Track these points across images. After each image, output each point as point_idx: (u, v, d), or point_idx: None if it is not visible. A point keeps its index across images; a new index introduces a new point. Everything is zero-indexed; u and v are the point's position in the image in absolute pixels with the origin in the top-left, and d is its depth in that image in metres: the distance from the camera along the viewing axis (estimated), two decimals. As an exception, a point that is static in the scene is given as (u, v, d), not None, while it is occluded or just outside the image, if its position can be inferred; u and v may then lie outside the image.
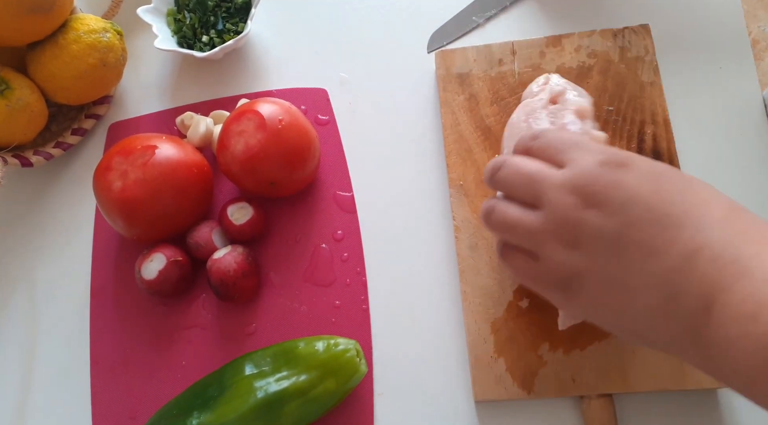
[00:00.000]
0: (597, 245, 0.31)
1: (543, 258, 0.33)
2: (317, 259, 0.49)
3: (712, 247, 0.29)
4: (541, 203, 0.33)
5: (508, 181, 0.35)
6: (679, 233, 0.30)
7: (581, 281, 0.32)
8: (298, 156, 0.47)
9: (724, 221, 0.30)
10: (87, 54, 0.51)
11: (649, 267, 0.30)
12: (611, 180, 0.31)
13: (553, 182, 0.33)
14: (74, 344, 0.51)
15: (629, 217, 0.30)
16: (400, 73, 0.55)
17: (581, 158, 0.33)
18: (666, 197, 0.31)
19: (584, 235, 0.31)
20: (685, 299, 0.29)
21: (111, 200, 0.46)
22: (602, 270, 0.31)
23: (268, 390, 0.41)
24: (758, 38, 0.52)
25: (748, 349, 0.26)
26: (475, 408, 0.44)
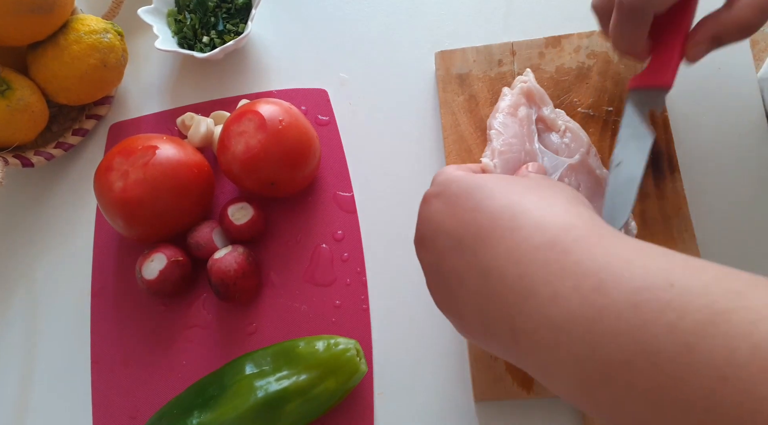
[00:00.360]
0: (435, 281, 0.33)
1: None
2: (317, 259, 0.49)
3: (499, 266, 0.28)
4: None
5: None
6: (473, 256, 0.29)
7: (447, 312, 0.33)
8: (298, 156, 0.48)
9: (510, 231, 0.28)
10: (88, 55, 0.51)
11: (462, 294, 0.30)
12: (424, 216, 0.33)
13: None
14: (75, 344, 0.51)
15: (438, 249, 0.32)
16: (400, 74, 0.55)
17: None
18: (460, 219, 0.31)
19: (425, 271, 0.34)
20: (494, 323, 0.28)
21: (112, 201, 0.46)
22: (442, 301, 0.33)
23: (269, 389, 0.41)
24: (758, 39, 0.52)
25: (563, 380, 0.25)
26: (474, 407, 0.44)
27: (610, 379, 0.23)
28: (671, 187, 0.46)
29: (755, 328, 0.20)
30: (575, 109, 0.49)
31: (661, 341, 0.22)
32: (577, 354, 0.24)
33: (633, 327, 0.22)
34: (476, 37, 0.53)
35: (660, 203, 0.45)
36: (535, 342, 0.26)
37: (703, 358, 0.20)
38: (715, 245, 0.45)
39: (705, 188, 0.47)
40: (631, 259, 0.25)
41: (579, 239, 0.27)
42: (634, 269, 0.24)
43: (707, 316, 0.21)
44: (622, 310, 0.23)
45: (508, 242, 0.28)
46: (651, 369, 0.22)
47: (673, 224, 0.45)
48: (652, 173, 0.46)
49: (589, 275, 0.25)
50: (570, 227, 0.27)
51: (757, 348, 0.20)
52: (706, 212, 0.46)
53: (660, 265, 0.24)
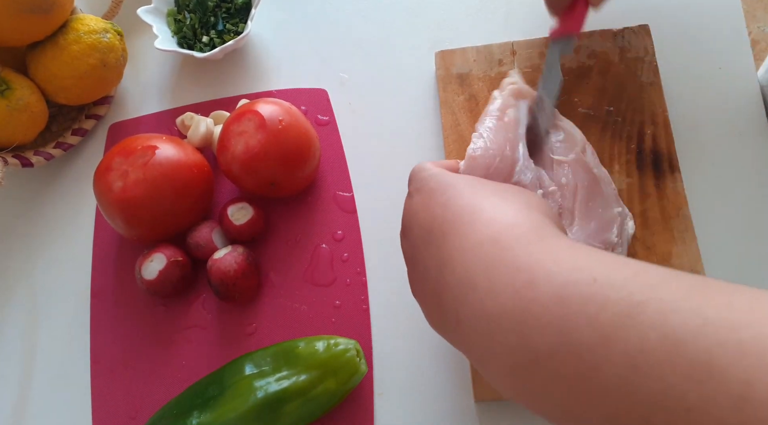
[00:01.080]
0: (408, 270, 0.36)
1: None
2: (317, 259, 0.49)
3: (452, 260, 0.30)
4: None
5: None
6: (436, 249, 0.31)
7: (414, 295, 0.36)
8: (298, 156, 0.47)
9: (465, 225, 0.30)
10: (87, 54, 0.51)
11: (426, 285, 0.32)
12: (405, 208, 0.36)
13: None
14: (74, 344, 0.51)
15: (413, 239, 0.34)
16: (400, 74, 0.55)
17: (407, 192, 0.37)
18: (431, 212, 0.33)
19: (405, 259, 0.36)
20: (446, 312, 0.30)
21: (111, 201, 0.46)
22: (413, 290, 0.35)
23: (268, 389, 0.41)
24: (758, 38, 0.52)
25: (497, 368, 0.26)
26: (475, 407, 0.44)
27: (538, 367, 0.24)
28: (672, 187, 0.46)
29: (665, 319, 0.21)
30: (575, 109, 0.49)
31: (583, 333, 0.23)
32: (508, 344, 0.25)
33: (558, 319, 0.24)
34: (476, 37, 0.53)
35: (660, 203, 0.45)
36: (474, 331, 0.27)
37: (618, 348, 0.22)
38: (715, 245, 0.45)
39: (705, 188, 0.47)
40: (563, 257, 0.26)
41: (520, 237, 0.28)
42: (563, 266, 0.26)
43: (624, 308, 0.22)
44: (549, 303, 0.24)
45: (460, 237, 0.30)
46: (573, 359, 0.23)
47: (674, 224, 0.45)
48: (652, 173, 0.46)
49: (523, 271, 0.26)
50: (514, 226, 0.29)
51: (665, 338, 0.21)
52: (707, 212, 0.46)
53: (587, 262, 0.25)
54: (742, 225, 0.46)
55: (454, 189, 0.33)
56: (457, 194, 0.33)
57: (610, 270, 0.24)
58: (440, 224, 0.31)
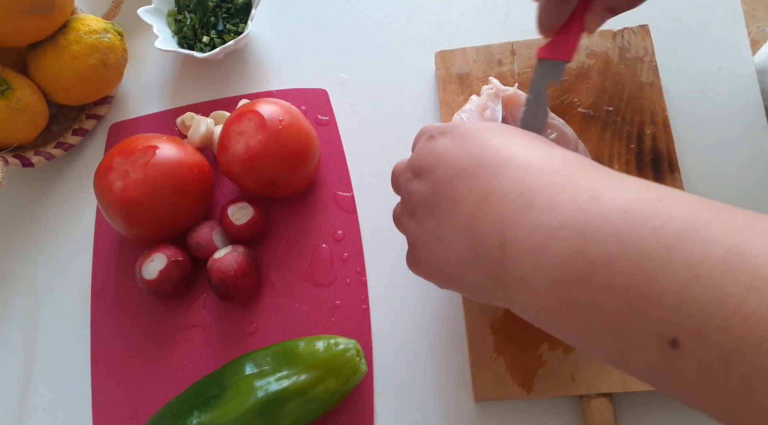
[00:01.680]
0: (421, 209, 0.34)
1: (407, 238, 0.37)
2: (317, 259, 0.49)
3: (502, 188, 0.30)
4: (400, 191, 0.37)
5: (392, 184, 0.39)
6: (476, 182, 0.31)
7: (418, 247, 0.35)
8: (298, 156, 0.48)
9: (516, 160, 0.30)
10: (88, 54, 0.51)
11: (453, 217, 0.32)
12: (428, 150, 0.34)
13: (400, 168, 0.37)
14: (75, 344, 0.51)
15: (438, 177, 0.33)
16: (400, 74, 0.55)
17: (418, 140, 0.36)
18: (466, 152, 0.32)
19: (413, 203, 0.35)
20: (483, 240, 0.30)
21: (112, 201, 0.46)
22: (425, 230, 0.34)
23: (269, 389, 0.41)
24: (758, 38, 0.52)
25: (543, 283, 0.26)
26: (475, 407, 0.44)
27: (592, 278, 0.24)
28: (671, 187, 0.46)
29: (732, 235, 0.22)
30: (575, 109, 0.49)
31: (645, 243, 0.23)
32: (563, 255, 0.25)
33: (621, 230, 0.24)
34: (476, 37, 0.53)
35: (660, 203, 0.45)
36: (524, 249, 0.27)
37: (681, 258, 0.22)
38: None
39: (705, 188, 0.47)
40: (626, 181, 0.27)
41: (581, 168, 0.29)
42: (628, 187, 0.26)
43: (689, 224, 0.23)
44: (612, 216, 0.25)
45: (513, 169, 0.30)
46: (631, 269, 0.23)
47: (673, 224, 0.45)
48: (652, 173, 0.46)
49: (587, 190, 0.27)
50: (571, 161, 0.30)
51: (729, 252, 0.22)
52: (706, 212, 0.46)
53: (652, 188, 0.26)
54: (741, 225, 0.46)
55: (489, 132, 0.33)
56: (493, 135, 0.33)
57: (674, 194, 0.25)
58: (480, 161, 0.31)
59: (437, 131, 0.35)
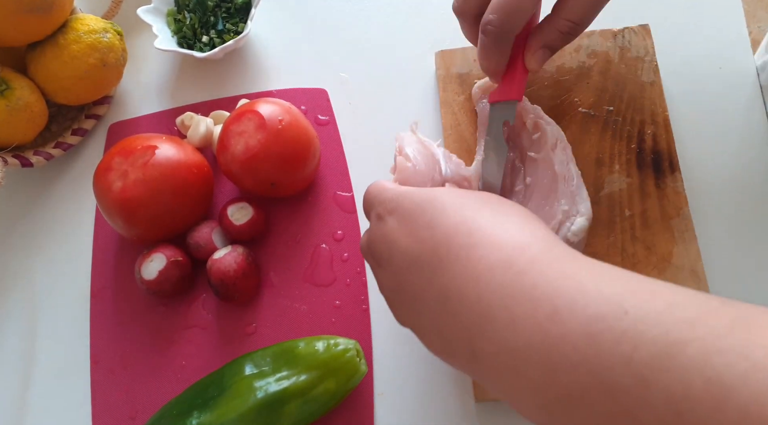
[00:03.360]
0: (389, 299, 0.34)
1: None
2: (317, 259, 0.49)
3: (457, 286, 0.27)
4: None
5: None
6: (432, 275, 0.29)
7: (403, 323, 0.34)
8: (298, 156, 0.47)
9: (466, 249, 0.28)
10: (87, 54, 0.51)
11: (420, 312, 0.30)
12: (380, 235, 0.33)
13: (362, 245, 0.36)
14: (74, 344, 0.51)
15: (395, 268, 0.31)
16: (400, 74, 0.55)
17: (370, 217, 0.35)
18: (416, 237, 0.30)
19: (382, 289, 0.34)
20: (454, 345, 0.28)
21: (111, 201, 0.46)
22: (400, 317, 0.33)
23: (268, 390, 0.41)
24: (758, 38, 0.52)
25: (523, 403, 0.25)
26: (475, 408, 0.44)
27: (569, 406, 0.23)
28: (672, 187, 0.46)
29: (708, 361, 0.20)
30: (576, 109, 0.49)
31: (617, 373, 0.22)
32: (536, 381, 0.24)
33: (589, 357, 0.22)
34: (476, 37, 0.53)
35: (661, 203, 0.45)
36: (496, 364, 0.26)
37: (659, 392, 0.20)
38: (716, 245, 0.45)
39: (706, 188, 0.47)
40: (585, 283, 0.24)
41: (534, 259, 0.26)
42: (588, 294, 0.24)
43: (662, 348, 0.21)
44: (577, 341, 0.23)
45: (464, 262, 0.27)
46: (608, 401, 0.22)
47: (674, 224, 0.45)
48: (653, 173, 0.46)
49: (544, 301, 0.24)
50: (525, 247, 0.27)
51: (710, 383, 0.20)
52: (707, 212, 0.46)
53: (613, 290, 0.24)
54: (742, 225, 0.46)
55: (434, 207, 0.30)
56: (440, 212, 0.30)
57: (640, 301, 0.23)
58: (432, 249, 0.29)
59: (381, 209, 0.33)
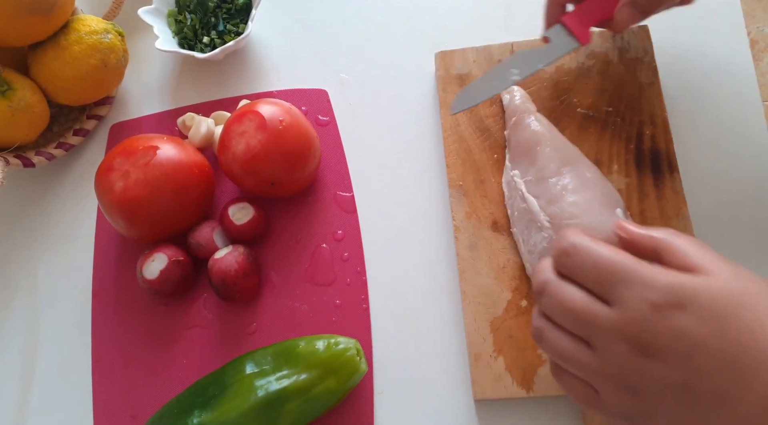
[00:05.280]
0: (662, 394, 0.30)
1: (603, 395, 0.32)
2: (318, 259, 0.50)
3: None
4: (593, 343, 0.31)
5: (553, 311, 0.33)
6: (754, 380, 0.28)
7: (647, 422, 0.31)
8: (298, 157, 0.48)
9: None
10: (88, 55, 0.52)
11: (723, 417, 0.29)
12: (669, 328, 0.29)
13: (604, 325, 0.31)
14: (75, 343, 0.51)
15: (694, 367, 0.29)
16: (400, 74, 0.55)
17: (630, 298, 0.30)
18: (733, 340, 0.29)
19: (645, 383, 0.30)
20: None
21: (112, 201, 0.46)
22: (671, 416, 0.30)
23: (269, 388, 0.41)
24: (757, 38, 0.52)
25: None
26: (474, 406, 0.44)
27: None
28: (671, 187, 0.46)
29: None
30: (575, 109, 0.49)
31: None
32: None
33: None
34: (476, 37, 0.53)
35: (659, 204, 0.45)
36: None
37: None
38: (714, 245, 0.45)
39: (705, 188, 0.47)
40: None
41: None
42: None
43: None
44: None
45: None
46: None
47: (673, 224, 0.45)
48: (651, 174, 0.46)
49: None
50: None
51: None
52: (706, 212, 0.46)
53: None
54: (741, 225, 0.46)
55: (747, 310, 0.29)
56: (759, 317, 0.29)
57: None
58: (755, 355, 0.28)
59: (666, 302, 0.30)
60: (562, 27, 0.45)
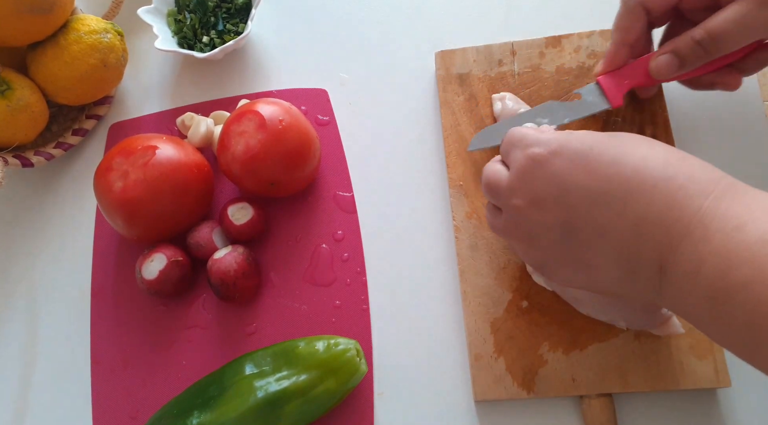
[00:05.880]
0: (548, 236, 0.34)
1: (518, 251, 0.38)
2: (317, 259, 0.49)
3: (655, 211, 0.30)
4: (501, 207, 0.37)
5: (484, 190, 0.38)
6: (623, 206, 0.31)
7: (549, 267, 0.36)
8: (298, 156, 0.47)
9: (663, 181, 0.31)
10: (88, 55, 0.51)
11: (601, 245, 0.32)
12: (546, 174, 0.33)
13: (503, 186, 0.36)
14: (75, 344, 0.51)
15: (571, 205, 0.32)
16: (400, 74, 0.55)
17: (518, 156, 0.35)
18: (601, 175, 0.32)
19: (535, 232, 0.35)
20: (640, 266, 0.31)
21: (112, 201, 0.46)
22: (561, 256, 0.34)
23: (269, 389, 0.41)
24: (758, 39, 0.52)
25: (693, 299, 0.29)
26: (475, 407, 0.44)
27: (730, 298, 0.27)
28: None
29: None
30: (575, 109, 0.49)
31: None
32: (710, 278, 0.28)
33: (758, 257, 0.27)
34: (476, 37, 0.53)
35: (660, 203, 0.45)
36: (680, 273, 0.30)
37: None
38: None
39: (705, 188, 0.47)
40: (767, 208, 0.29)
41: (726, 190, 0.30)
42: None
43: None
44: (752, 244, 0.27)
45: (662, 191, 0.30)
46: (764, 291, 0.26)
47: (674, 224, 0.45)
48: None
49: (734, 218, 0.29)
50: (718, 180, 0.31)
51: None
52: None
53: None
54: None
55: (613, 144, 0.33)
56: (621, 152, 0.32)
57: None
58: (620, 183, 0.31)
59: (544, 149, 0.34)
60: (597, 86, 0.45)
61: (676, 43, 0.40)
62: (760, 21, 0.37)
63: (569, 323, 0.43)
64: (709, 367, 0.41)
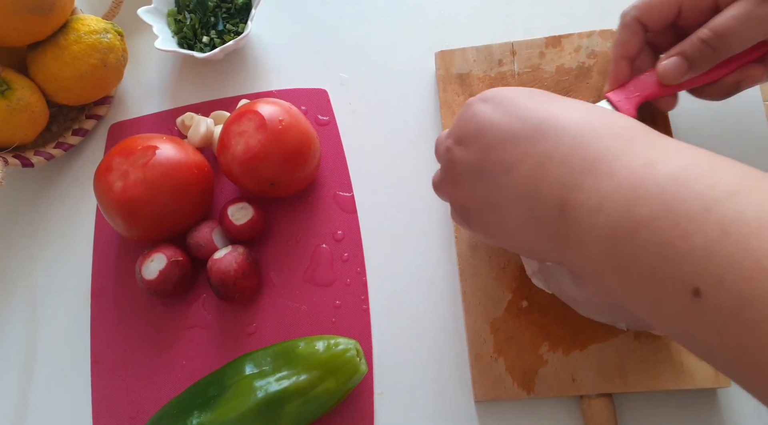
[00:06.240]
0: (468, 177, 0.34)
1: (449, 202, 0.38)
2: (317, 259, 0.49)
3: (562, 151, 0.30)
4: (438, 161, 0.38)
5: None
6: (531, 146, 0.31)
7: (469, 212, 0.36)
8: (298, 156, 0.48)
9: (575, 124, 0.31)
10: (88, 55, 0.51)
11: (507, 182, 0.32)
12: (468, 115, 0.35)
13: (442, 137, 0.37)
14: (75, 344, 0.51)
15: (485, 143, 0.33)
16: (400, 74, 0.55)
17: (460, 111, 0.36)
18: (518, 116, 0.32)
19: (458, 171, 0.35)
20: (542, 203, 0.30)
21: (112, 201, 0.46)
22: (475, 197, 0.35)
23: (269, 389, 0.41)
24: (758, 39, 0.52)
25: (594, 240, 0.28)
26: (475, 407, 0.44)
27: (633, 235, 0.26)
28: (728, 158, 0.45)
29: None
30: (575, 109, 0.49)
31: (687, 204, 0.25)
32: (613, 215, 0.27)
33: (667, 192, 0.26)
34: (476, 37, 0.53)
35: (660, 203, 0.45)
36: (582, 210, 0.28)
37: (716, 217, 0.24)
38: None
39: (705, 188, 0.47)
40: (684, 149, 0.28)
41: (640, 135, 0.29)
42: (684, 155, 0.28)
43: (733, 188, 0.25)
44: (661, 180, 0.26)
45: (573, 132, 0.30)
46: (669, 227, 0.25)
47: (674, 224, 0.45)
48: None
49: (643, 156, 0.28)
50: (632, 127, 0.30)
51: (763, 213, 0.23)
52: (707, 212, 0.46)
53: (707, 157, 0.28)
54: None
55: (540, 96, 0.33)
56: (543, 100, 0.33)
57: (728, 164, 0.27)
58: (534, 123, 0.31)
59: (478, 98, 0.35)
60: (607, 103, 0.45)
61: (683, 45, 0.40)
62: (762, 17, 0.38)
63: (569, 323, 0.43)
64: (708, 367, 0.41)
